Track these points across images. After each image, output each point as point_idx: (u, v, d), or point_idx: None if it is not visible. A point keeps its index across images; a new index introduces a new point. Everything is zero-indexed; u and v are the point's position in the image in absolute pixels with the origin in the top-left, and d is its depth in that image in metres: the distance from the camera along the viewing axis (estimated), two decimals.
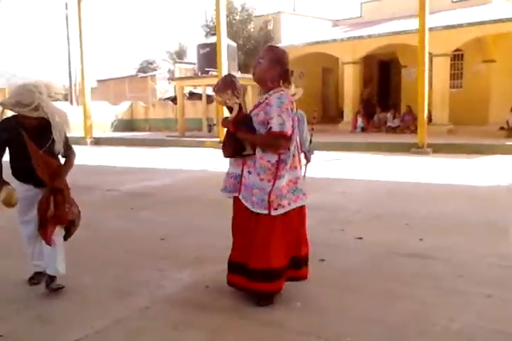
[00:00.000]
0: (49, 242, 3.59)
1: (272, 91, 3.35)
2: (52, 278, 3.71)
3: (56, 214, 3.60)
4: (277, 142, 3.24)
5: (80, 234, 5.40)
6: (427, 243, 4.86)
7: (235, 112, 3.42)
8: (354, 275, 4.03)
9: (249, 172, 3.33)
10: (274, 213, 3.27)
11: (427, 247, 4.70)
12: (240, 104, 3.43)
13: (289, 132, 3.23)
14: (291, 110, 3.30)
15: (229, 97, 3.41)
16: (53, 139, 3.58)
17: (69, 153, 3.80)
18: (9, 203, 3.60)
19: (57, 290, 3.65)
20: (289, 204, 3.35)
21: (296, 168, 3.43)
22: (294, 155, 3.38)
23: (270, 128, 3.22)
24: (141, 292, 3.70)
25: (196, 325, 3.12)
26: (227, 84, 3.43)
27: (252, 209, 3.30)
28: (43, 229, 3.59)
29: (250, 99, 21.58)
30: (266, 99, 3.33)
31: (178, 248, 4.86)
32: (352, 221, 5.85)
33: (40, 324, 3.20)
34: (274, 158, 3.28)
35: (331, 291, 3.67)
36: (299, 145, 3.48)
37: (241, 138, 3.32)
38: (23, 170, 3.64)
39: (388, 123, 20.32)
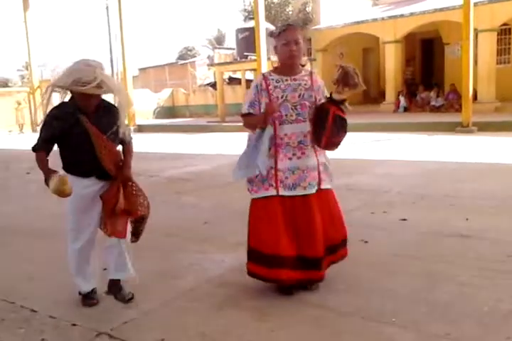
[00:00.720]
0: (121, 234, 3.22)
1: (303, 72, 3.30)
2: (117, 285, 3.38)
3: (126, 208, 3.22)
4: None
5: None
6: (472, 223, 4.75)
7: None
8: (398, 256, 3.99)
9: (323, 154, 3.37)
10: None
11: (473, 228, 4.60)
12: None
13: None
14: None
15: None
16: (116, 123, 3.14)
17: (129, 139, 3.33)
18: (63, 191, 2.93)
19: (131, 300, 3.32)
20: None
21: None
22: None
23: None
24: (185, 274, 3.78)
25: (241, 305, 3.17)
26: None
27: (324, 188, 3.29)
28: (112, 224, 3.19)
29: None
30: (310, 80, 3.27)
31: (220, 232, 4.92)
32: (395, 202, 5.77)
33: (90, 307, 3.31)
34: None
35: (374, 272, 3.65)
36: None
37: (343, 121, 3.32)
38: (83, 163, 3.12)
39: (432, 103, 19.83)
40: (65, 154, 3.16)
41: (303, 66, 3.31)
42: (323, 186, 3.29)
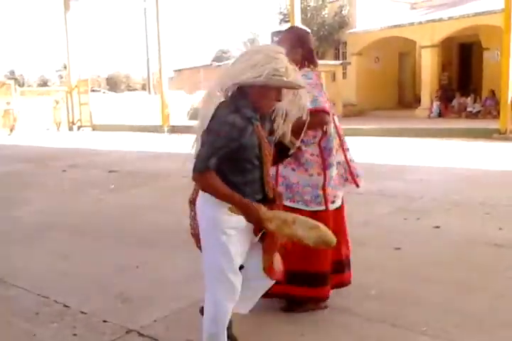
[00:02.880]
0: (277, 276, 2.46)
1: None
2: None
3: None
4: (322, 119, 2.91)
5: (158, 219, 5.62)
6: (507, 233, 4.65)
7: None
8: (430, 264, 3.92)
9: (294, 170, 3.00)
10: (331, 207, 3.04)
11: (507, 237, 4.50)
12: None
13: (326, 107, 2.93)
14: (321, 86, 3.06)
15: None
16: (275, 130, 2.41)
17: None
18: (328, 241, 2.21)
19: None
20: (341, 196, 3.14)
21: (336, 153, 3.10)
22: (334, 139, 3.08)
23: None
24: None
25: (269, 308, 3.16)
26: None
27: (305, 209, 2.95)
28: (271, 263, 2.40)
29: (324, 85, 21.36)
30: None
31: None
32: (429, 209, 5.68)
33: (121, 303, 3.37)
34: (316, 150, 3.00)
35: (406, 280, 3.59)
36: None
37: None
38: (250, 185, 2.32)
39: (468, 109, 19.49)
40: (226, 174, 2.26)
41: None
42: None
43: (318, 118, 2.84)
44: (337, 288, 3.17)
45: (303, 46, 3.08)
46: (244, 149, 2.23)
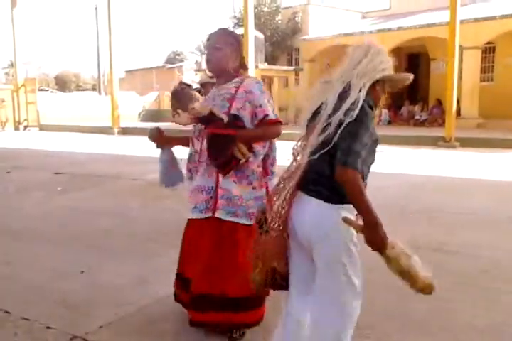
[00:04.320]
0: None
1: (236, 79, 2.83)
2: None
3: None
4: (277, 131, 2.81)
5: (106, 223, 5.51)
6: (452, 238, 4.80)
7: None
8: (375, 269, 3.99)
9: (235, 182, 2.76)
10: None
11: (453, 242, 4.65)
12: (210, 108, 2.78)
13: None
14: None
15: (200, 107, 2.83)
16: None
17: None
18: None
19: None
20: None
21: None
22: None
23: (266, 116, 2.73)
24: (163, 280, 3.74)
25: None
26: (187, 95, 3.08)
27: (248, 224, 2.73)
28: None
29: (276, 90, 21.54)
30: (236, 88, 2.78)
31: None
32: (378, 215, 5.78)
33: (65, 308, 3.28)
34: (259, 160, 2.81)
35: None
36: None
37: (244, 140, 2.69)
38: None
39: (416, 116, 20.08)
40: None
41: (236, 76, 2.85)
42: (217, 214, 2.77)
43: (276, 130, 2.80)
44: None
45: (241, 51, 2.90)
46: (370, 153, 2.13)
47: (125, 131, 20.50)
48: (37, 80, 25.19)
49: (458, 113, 16.07)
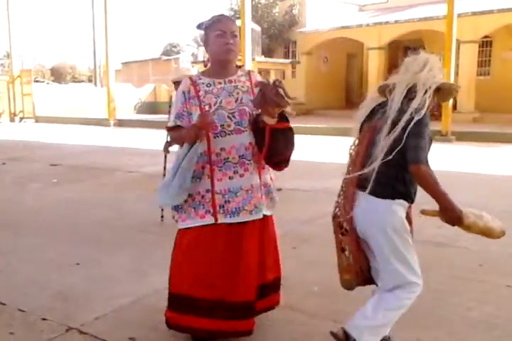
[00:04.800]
0: None
1: (240, 72, 2.70)
2: None
3: None
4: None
5: (102, 215, 5.51)
6: (446, 231, 4.80)
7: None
8: None
9: (267, 174, 2.74)
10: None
11: (447, 235, 4.66)
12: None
13: None
14: None
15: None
16: None
17: None
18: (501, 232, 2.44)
19: None
20: None
21: None
22: None
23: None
24: (159, 272, 3.74)
25: None
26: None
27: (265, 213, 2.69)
28: None
29: None
30: (249, 81, 2.66)
31: None
32: None
33: (61, 300, 3.28)
34: None
35: None
36: None
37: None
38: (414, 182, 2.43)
39: None
40: (403, 173, 2.36)
41: (239, 67, 2.74)
42: (265, 212, 2.69)
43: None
44: (263, 312, 2.84)
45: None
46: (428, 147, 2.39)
47: (121, 123, 20.43)
48: (32, 72, 25.04)
49: (454, 107, 16.06)
